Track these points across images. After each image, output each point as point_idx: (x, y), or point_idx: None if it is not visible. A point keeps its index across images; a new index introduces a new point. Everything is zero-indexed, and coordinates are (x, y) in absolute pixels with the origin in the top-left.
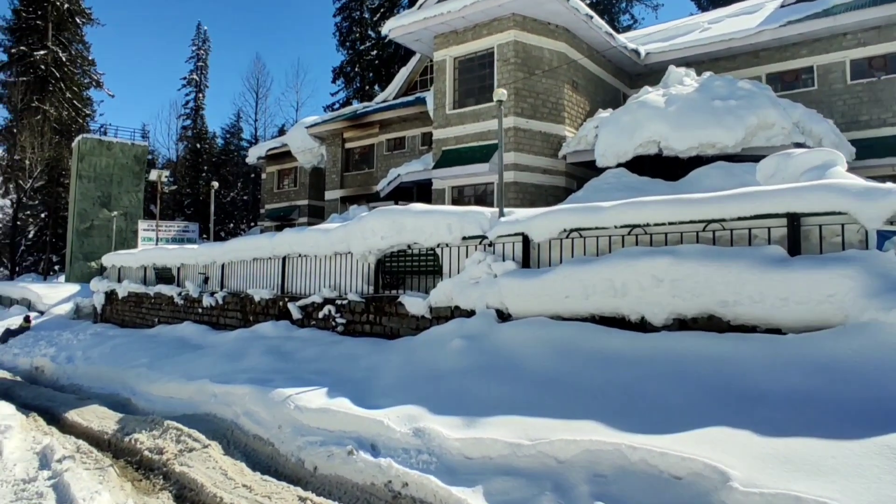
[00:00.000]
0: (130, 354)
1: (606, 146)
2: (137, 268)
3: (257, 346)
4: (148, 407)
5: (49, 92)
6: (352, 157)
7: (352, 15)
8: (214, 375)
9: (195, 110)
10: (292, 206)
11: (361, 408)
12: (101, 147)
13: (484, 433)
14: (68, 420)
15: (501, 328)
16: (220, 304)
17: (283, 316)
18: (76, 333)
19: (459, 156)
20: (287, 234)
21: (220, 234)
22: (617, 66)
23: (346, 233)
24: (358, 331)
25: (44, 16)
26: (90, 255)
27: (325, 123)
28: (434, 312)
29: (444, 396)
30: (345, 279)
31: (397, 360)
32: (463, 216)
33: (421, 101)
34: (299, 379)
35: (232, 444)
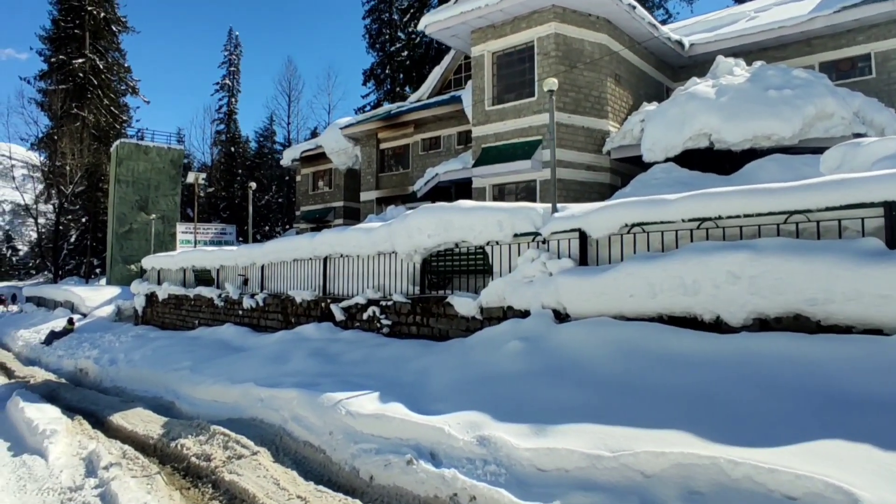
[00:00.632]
0: (172, 357)
1: (654, 140)
2: (177, 270)
3: (301, 349)
4: (192, 411)
5: (87, 99)
6: (387, 158)
7: (381, 17)
8: (259, 379)
9: (228, 115)
10: (327, 207)
11: (417, 413)
12: (139, 151)
13: (557, 443)
14: (113, 424)
15: (560, 329)
16: (261, 305)
17: (325, 317)
18: (118, 335)
19: (500, 153)
20: (328, 234)
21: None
22: (659, 59)
23: (390, 232)
24: (404, 332)
25: (81, 25)
26: (129, 258)
27: (359, 124)
28: (485, 313)
29: (505, 402)
30: (388, 280)
31: (450, 362)
32: (514, 212)
33: (456, 100)
34: (347, 382)
35: (281, 450)
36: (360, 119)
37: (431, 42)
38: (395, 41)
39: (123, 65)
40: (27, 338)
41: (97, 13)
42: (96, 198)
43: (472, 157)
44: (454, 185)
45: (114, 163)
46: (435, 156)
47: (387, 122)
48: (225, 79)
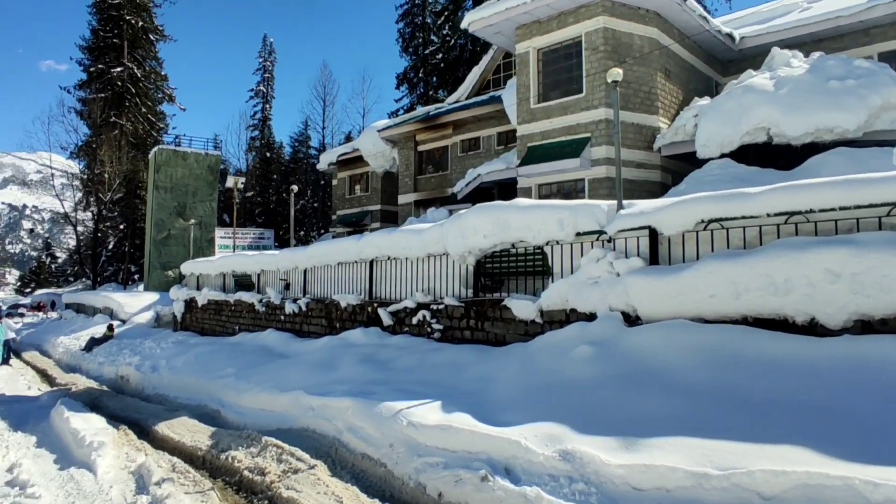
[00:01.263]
0: (215, 363)
1: (708, 135)
2: (216, 275)
3: (349, 355)
4: (238, 420)
5: (125, 107)
6: (425, 160)
7: (414, 20)
8: (308, 387)
9: (262, 121)
10: (364, 211)
11: (486, 424)
12: (177, 158)
13: (652, 458)
14: (159, 434)
15: (632, 332)
16: (304, 310)
17: (372, 322)
18: (158, 342)
19: (546, 152)
20: (375, 236)
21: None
22: (708, 53)
23: (441, 233)
24: (457, 337)
25: (119, 34)
26: (167, 264)
27: (396, 126)
28: (546, 316)
29: (582, 412)
30: (439, 282)
31: (512, 369)
32: (576, 210)
33: (496, 100)
34: (403, 391)
35: (338, 463)
36: (398, 121)
37: (466, 44)
38: (429, 44)
39: (160, 73)
40: (67, 344)
41: (135, 22)
42: (134, 205)
43: (517, 156)
44: (497, 185)
45: (152, 169)
46: (474, 157)
47: (425, 124)
48: (259, 85)
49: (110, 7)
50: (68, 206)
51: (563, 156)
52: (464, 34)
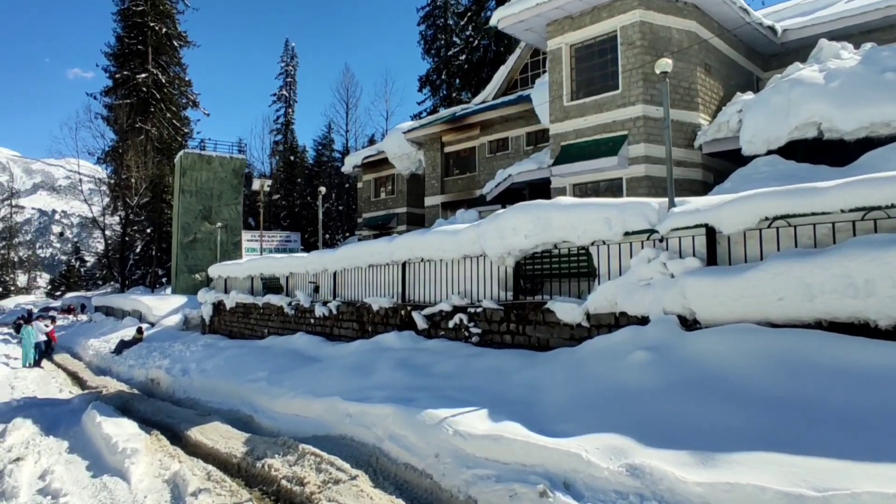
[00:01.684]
0: (246, 367)
1: (754, 132)
2: (244, 278)
3: (384, 360)
4: (272, 426)
5: (150, 113)
6: (451, 162)
7: (436, 22)
8: (344, 392)
9: (285, 125)
10: (390, 214)
11: (540, 435)
12: (202, 162)
13: (735, 475)
14: (191, 439)
15: (691, 337)
16: (334, 313)
17: (405, 326)
18: (187, 345)
19: (581, 150)
20: (407, 237)
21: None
22: (749, 47)
23: (478, 233)
24: (496, 341)
25: (144, 41)
26: (194, 267)
27: (422, 128)
28: (592, 320)
29: (645, 422)
30: (476, 285)
31: (561, 375)
32: (624, 208)
33: (524, 99)
34: (445, 398)
35: (380, 473)
36: (424, 122)
37: (489, 45)
38: (451, 46)
39: (184, 78)
40: (97, 347)
41: (159, 29)
42: (160, 209)
43: (550, 155)
44: (528, 186)
45: (178, 173)
46: (503, 158)
47: (451, 125)
48: (282, 90)
49: (134, 14)
50: (96, 210)
51: (600, 154)
52: (487, 35)
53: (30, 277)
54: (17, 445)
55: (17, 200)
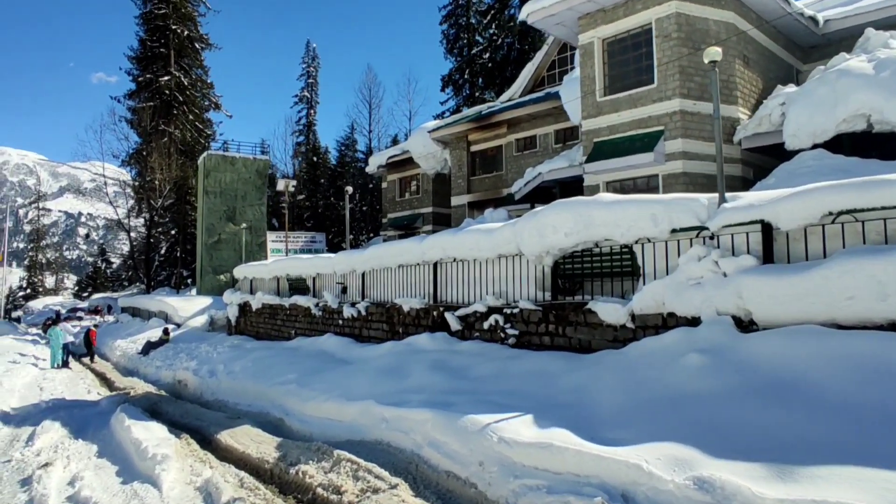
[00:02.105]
0: (274, 369)
1: (798, 125)
2: (270, 279)
3: (418, 362)
4: (303, 429)
5: (173, 115)
6: (478, 161)
7: (458, 21)
8: (379, 396)
9: (307, 126)
10: (415, 214)
11: (592, 443)
12: (225, 163)
13: (820, 492)
14: (221, 443)
15: (749, 339)
16: (363, 314)
17: (437, 327)
18: (214, 346)
19: (615, 147)
20: (439, 236)
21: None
22: (788, 38)
23: (515, 231)
24: (534, 343)
25: (166, 43)
26: (218, 268)
27: (448, 126)
28: (638, 321)
29: (707, 431)
30: (511, 285)
31: (610, 379)
32: (671, 204)
33: (552, 97)
34: (486, 402)
35: (420, 482)
36: (450, 121)
37: (513, 43)
38: (474, 45)
39: (206, 81)
40: (124, 348)
41: (181, 31)
42: (184, 210)
43: (583, 153)
44: (559, 184)
45: (201, 174)
46: (530, 156)
47: (478, 123)
48: (303, 91)
49: (156, 17)
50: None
51: (634, 150)
52: (510, 33)
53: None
54: (46, 449)
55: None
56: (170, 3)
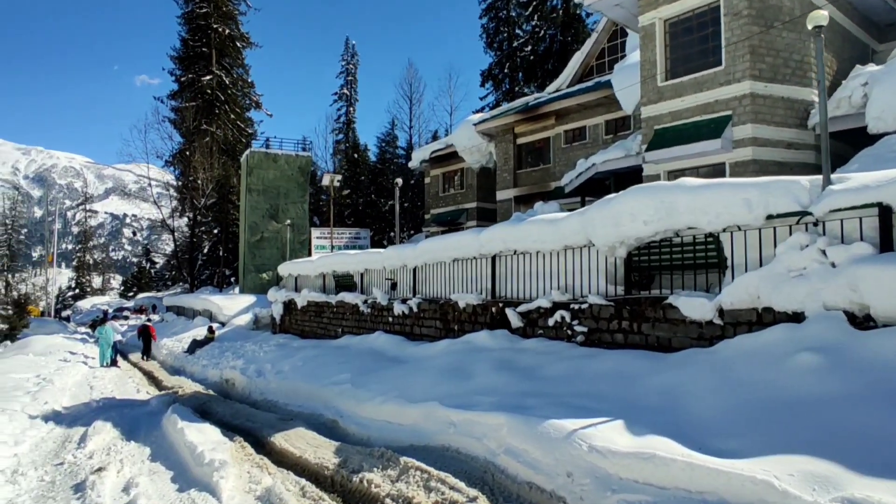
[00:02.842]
0: (325, 369)
1: (884, 106)
2: (316, 276)
3: (481, 361)
4: (361, 432)
5: (215, 115)
6: (524, 153)
7: (498, 15)
8: (442, 397)
9: (347, 124)
10: (460, 209)
11: (702, 453)
12: (268, 160)
13: None
14: (276, 446)
15: (869, 337)
16: (415, 311)
17: (496, 324)
18: (259, 344)
19: (678, 134)
20: (499, 228)
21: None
22: (863, 16)
23: (583, 221)
24: (605, 341)
25: (208, 43)
26: (261, 266)
27: (493, 119)
28: (728, 317)
29: (839, 442)
30: (578, 279)
31: (705, 381)
32: (767, 187)
33: (603, 86)
34: (565, 405)
35: (499, 494)
36: (495, 113)
37: (556, 34)
38: (514, 38)
39: (247, 80)
40: (170, 346)
41: (222, 30)
42: (226, 209)
43: (642, 141)
44: (613, 175)
45: (244, 172)
46: (580, 148)
47: (524, 115)
48: (343, 88)
49: (198, 17)
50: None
51: (700, 137)
52: (553, 24)
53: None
54: (99, 451)
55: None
56: (211, 2)
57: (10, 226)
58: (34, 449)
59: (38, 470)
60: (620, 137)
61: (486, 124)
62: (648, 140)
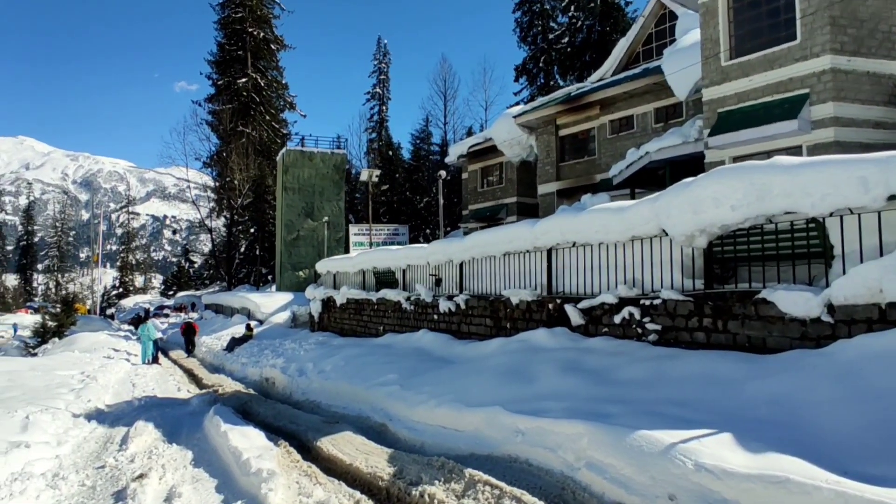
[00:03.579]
0: (370, 368)
1: None
2: (355, 273)
3: (543, 362)
4: (413, 438)
5: (251, 116)
6: (567, 145)
7: (532, 8)
8: (505, 401)
9: (379, 123)
10: (499, 204)
11: (850, 479)
12: (304, 158)
13: None
14: (323, 452)
15: None
16: (462, 308)
17: (554, 322)
18: (299, 342)
19: (747, 116)
20: (557, 218)
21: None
22: None
23: (655, 209)
24: (683, 340)
25: (243, 46)
26: (297, 264)
27: (534, 111)
28: (840, 313)
29: None
30: (647, 272)
31: (825, 390)
32: (889, 163)
33: (652, 72)
34: (652, 414)
35: None
36: (536, 105)
37: (594, 24)
38: (549, 31)
39: (282, 82)
40: (209, 344)
41: (257, 33)
42: (262, 209)
43: (704, 125)
44: (669, 164)
45: (280, 171)
46: (627, 138)
47: (567, 106)
48: (375, 87)
49: (234, 21)
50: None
51: (773, 118)
52: (591, 14)
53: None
54: (140, 454)
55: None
56: (246, 7)
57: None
58: (76, 450)
59: (79, 473)
60: (671, 126)
61: (526, 116)
62: (711, 124)
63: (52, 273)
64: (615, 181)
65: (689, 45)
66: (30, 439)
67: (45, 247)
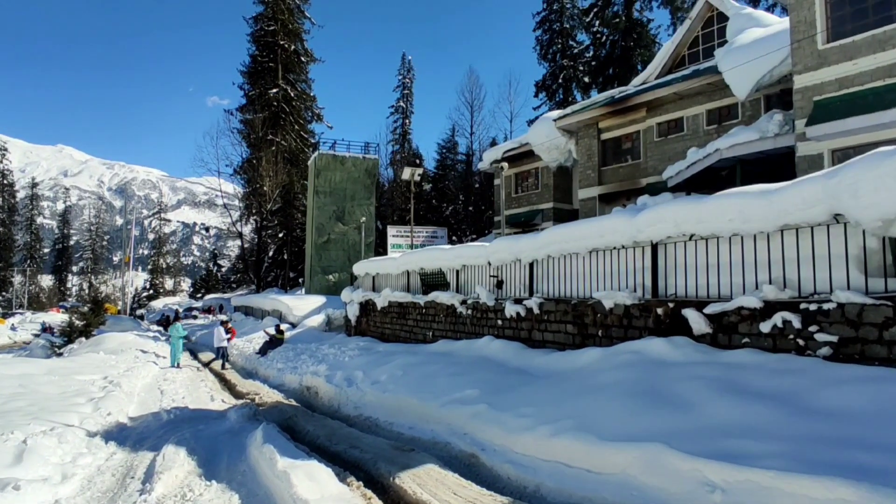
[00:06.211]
0: (434, 380)
1: None
2: (398, 274)
3: (680, 380)
4: (522, 477)
5: (280, 126)
6: (609, 149)
7: (552, 27)
8: (661, 435)
9: (403, 135)
10: (534, 210)
11: None
12: (335, 162)
13: None
14: (407, 494)
15: None
16: (536, 313)
17: (665, 330)
18: (338, 347)
19: (851, 104)
20: (667, 207)
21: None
22: None
23: (829, 188)
24: (868, 355)
25: (275, 58)
26: (328, 268)
27: (575, 114)
28: None
29: None
30: (806, 269)
31: None
32: None
33: (704, 73)
34: None
35: None
36: (578, 108)
37: (618, 40)
38: (568, 49)
39: (310, 94)
40: (241, 347)
41: (288, 46)
42: (291, 214)
43: (795, 115)
44: (739, 162)
45: (312, 175)
46: (676, 140)
47: (611, 108)
48: (399, 101)
49: (266, 34)
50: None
51: (884, 106)
52: (616, 29)
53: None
54: (169, 499)
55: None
56: (279, 20)
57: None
58: (83, 490)
59: None
60: (725, 128)
61: (567, 119)
62: (807, 114)
63: (86, 275)
64: (671, 183)
65: (748, 42)
66: (23, 475)
67: (80, 249)
